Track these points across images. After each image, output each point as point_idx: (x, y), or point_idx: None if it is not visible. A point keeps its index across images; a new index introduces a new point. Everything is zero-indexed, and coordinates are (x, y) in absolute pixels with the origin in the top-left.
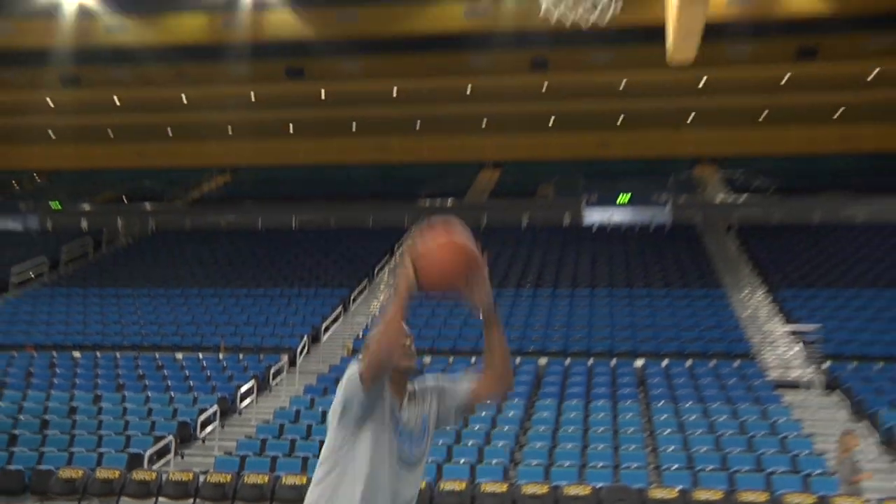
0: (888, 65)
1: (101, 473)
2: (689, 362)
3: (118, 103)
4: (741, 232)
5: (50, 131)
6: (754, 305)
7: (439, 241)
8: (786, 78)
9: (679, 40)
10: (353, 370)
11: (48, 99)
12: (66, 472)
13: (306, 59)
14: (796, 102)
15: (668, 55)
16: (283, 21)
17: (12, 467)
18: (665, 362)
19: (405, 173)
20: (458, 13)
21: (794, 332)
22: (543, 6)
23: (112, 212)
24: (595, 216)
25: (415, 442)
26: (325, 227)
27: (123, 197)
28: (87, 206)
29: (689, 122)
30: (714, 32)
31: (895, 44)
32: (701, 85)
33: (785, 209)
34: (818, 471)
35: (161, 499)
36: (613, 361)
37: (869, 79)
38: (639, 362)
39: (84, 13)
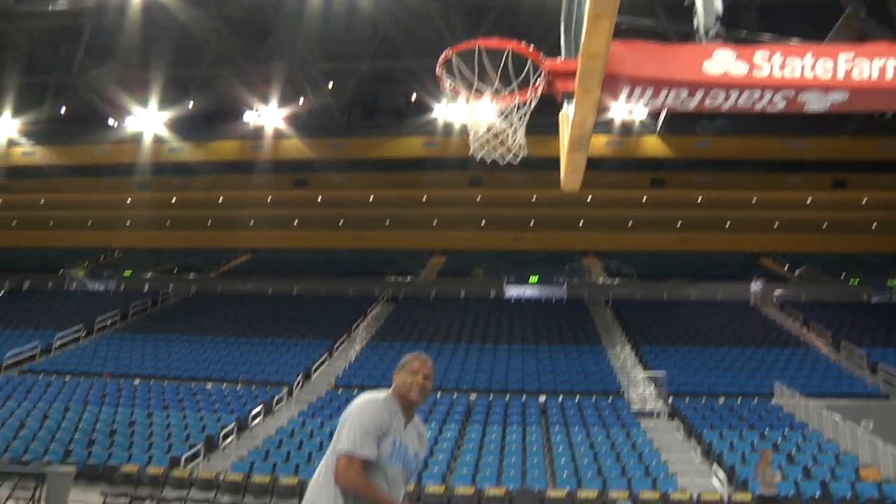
0: (710, 193)
1: (151, 470)
2: (577, 398)
3: (174, 201)
4: (615, 305)
5: (127, 221)
6: (623, 358)
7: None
8: (644, 199)
9: (568, 176)
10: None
11: (128, 198)
12: (126, 468)
13: (309, 174)
14: (651, 216)
15: (561, 185)
16: (294, 146)
17: (91, 462)
18: (560, 398)
19: (376, 257)
20: (417, 144)
21: (649, 377)
22: (472, 148)
23: (166, 279)
24: (513, 292)
25: (407, 458)
26: (317, 295)
27: (175, 269)
28: (149, 275)
29: (579, 225)
30: (597, 164)
31: (714, 180)
32: (588, 200)
33: (644, 290)
34: (663, 475)
35: (192, 490)
36: (524, 397)
37: (698, 201)
38: (542, 398)
39: (157, 139)
